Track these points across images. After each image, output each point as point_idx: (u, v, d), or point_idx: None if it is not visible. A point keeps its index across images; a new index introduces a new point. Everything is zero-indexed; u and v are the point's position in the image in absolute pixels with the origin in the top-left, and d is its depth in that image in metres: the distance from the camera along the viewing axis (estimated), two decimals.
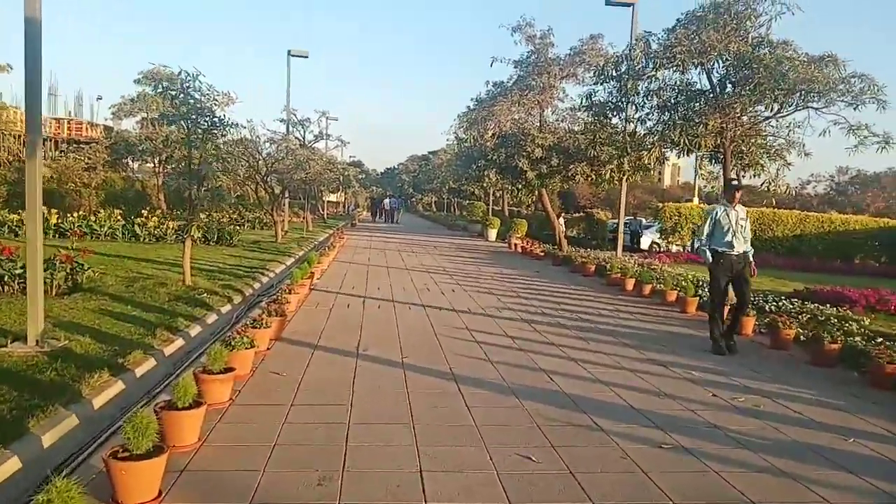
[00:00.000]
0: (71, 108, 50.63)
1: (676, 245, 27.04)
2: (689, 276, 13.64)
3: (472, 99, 23.41)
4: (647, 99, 11.56)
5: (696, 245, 8.41)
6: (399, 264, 17.68)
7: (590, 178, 19.65)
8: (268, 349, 7.18)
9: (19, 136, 38.24)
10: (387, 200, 55.09)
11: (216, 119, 10.97)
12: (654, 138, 11.19)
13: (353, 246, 23.25)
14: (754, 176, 13.69)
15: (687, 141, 10.91)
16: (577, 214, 38.84)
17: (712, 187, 12.94)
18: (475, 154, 21.53)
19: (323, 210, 47.76)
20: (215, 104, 11.26)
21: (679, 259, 22.49)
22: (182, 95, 10.73)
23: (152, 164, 33.81)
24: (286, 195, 26.98)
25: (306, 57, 25.74)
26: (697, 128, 10.65)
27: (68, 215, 21.06)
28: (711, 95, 11.35)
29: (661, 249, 27.39)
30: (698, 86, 11.79)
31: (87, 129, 43.08)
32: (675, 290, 12.20)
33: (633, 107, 12.59)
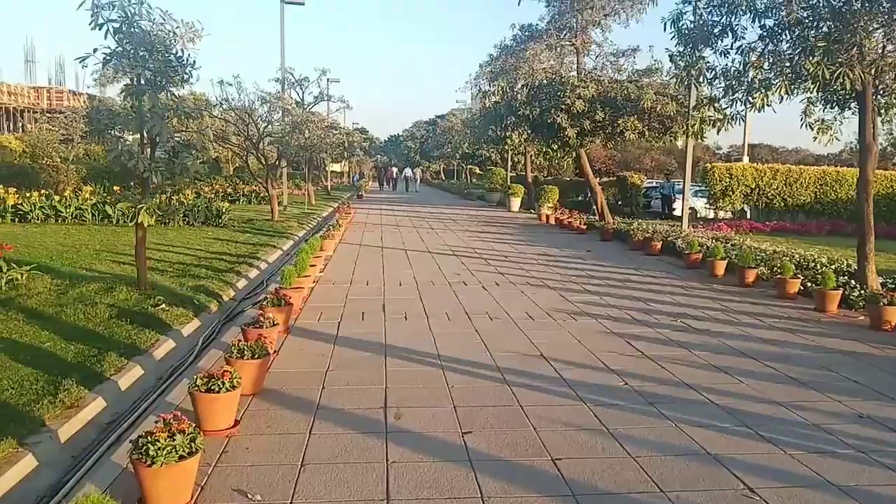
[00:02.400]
0: (52, 76, 47.12)
1: (726, 211, 23.80)
2: (795, 256, 10.59)
3: (495, 46, 19.99)
4: (763, 17, 8.34)
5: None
6: (419, 245, 14.66)
7: (643, 134, 16.40)
8: (236, 423, 4.24)
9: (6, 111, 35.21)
10: (394, 170, 53.51)
11: (171, 57, 7.85)
12: (783, 68, 7.97)
13: (363, 222, 20.21)
14: (885, 122, 10.55)
15: (826, 73, 7.74)
16: (604, 179, 35.32)
17: (824, 143, 9.72)
18: (502, 110, 18.26)
19: (326, 181, 44.44)
20: (173, 38, 8.15)
21: (742, 229, 19.33)
22: (125, 26, 7.63)
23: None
24: (283, 164, 23.78)
25: (302, 3, 22.38)
26: (851, 50, 7.45)
27: (30, 195, 18.01)
28: (853, 8, 8.09)
29: (700, 216, 24.05)
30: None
31: (68, 98, 39.71)
32: (798, 278, 9.15)
33: (731, 33, 9.36)
